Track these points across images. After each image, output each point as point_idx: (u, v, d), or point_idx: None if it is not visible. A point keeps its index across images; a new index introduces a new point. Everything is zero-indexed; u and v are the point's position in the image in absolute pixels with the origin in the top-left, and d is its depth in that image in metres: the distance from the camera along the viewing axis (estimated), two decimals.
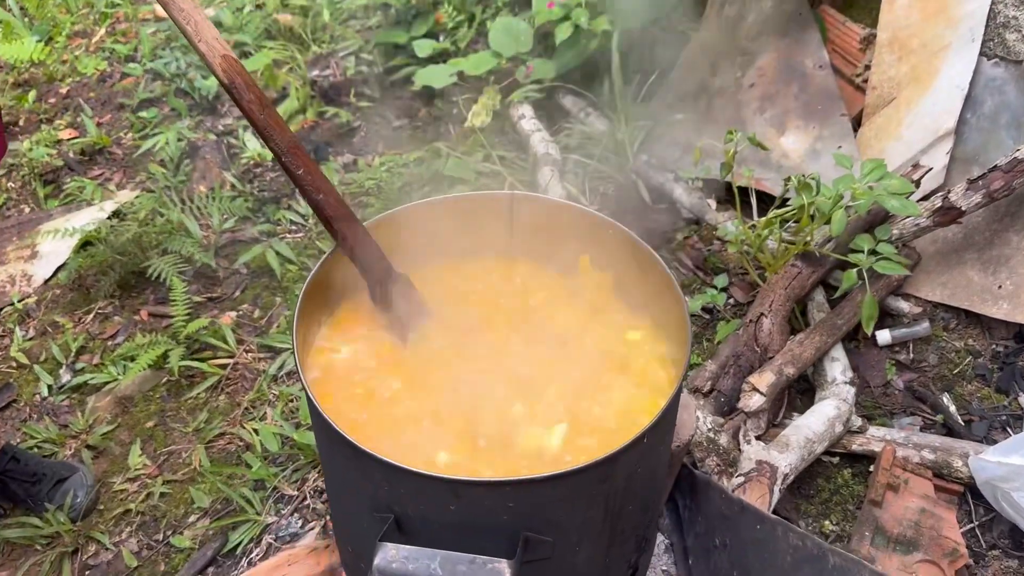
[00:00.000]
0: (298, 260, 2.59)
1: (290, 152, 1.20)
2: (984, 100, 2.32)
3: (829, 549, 1.30)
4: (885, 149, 2.42)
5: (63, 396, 2.35)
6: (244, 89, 1.17)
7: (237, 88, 1.17)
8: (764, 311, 2.02)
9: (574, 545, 1.14)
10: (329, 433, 1.08)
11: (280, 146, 1.20)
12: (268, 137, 1.20)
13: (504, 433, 1.18)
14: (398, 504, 1.08)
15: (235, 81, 1.17)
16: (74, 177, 3.04)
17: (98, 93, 3.46)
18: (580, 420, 1.20)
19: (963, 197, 2.10)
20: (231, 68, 1.16)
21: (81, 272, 2.63)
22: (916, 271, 2.29)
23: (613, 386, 1.25)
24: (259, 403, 2.24)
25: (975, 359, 2.14)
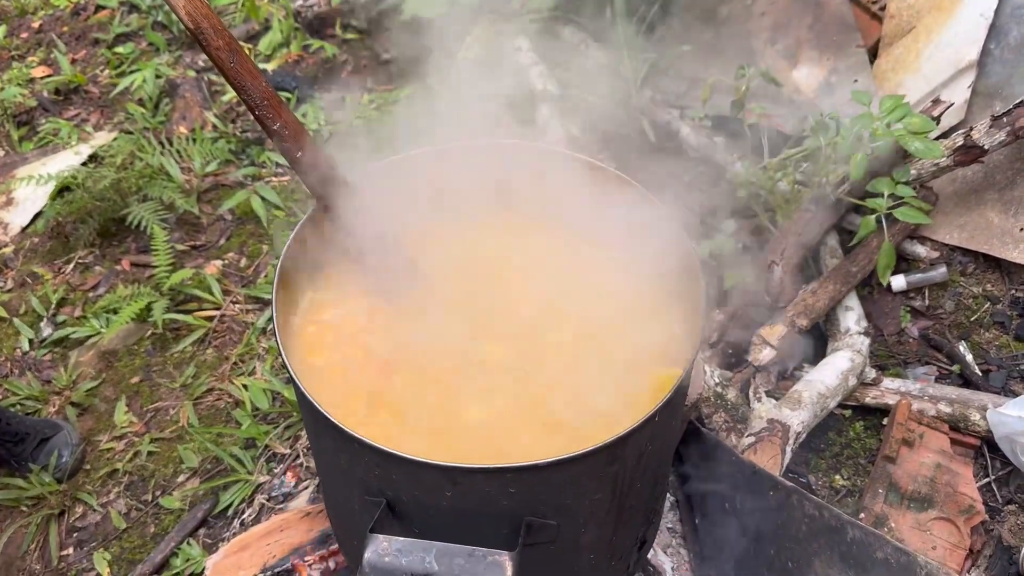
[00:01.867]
0: (285, 205, 2.48)
1: (265, 104, 1.08)
2: (1010, 29, 2.17)
3: (848, 521, 1.23)
4: (903, 82, 2.29)
5: (45, 350, 2.27)
6: (212, 34, 1.04)
7: (204, 33, 1.04)
8: (775, 259, 1.92)
9: (580, 527, 1.07)
10: (316, 417, 0.99)
11: (253, 97, 1.07)
12: (240, 87, 1.07)
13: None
14: (391, 489, 1.00)
15: (201, 25, 1.03)
16: (49, 118, 2.89)
17: (72, 27, 3.28)
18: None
19: (986, 135, 1.98)
20: (197, 11, 1.03)
21: (59, 220, 2.52)
22: (933, 213, 2.18)
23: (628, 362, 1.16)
24: (248, 357, 2.15)
25: (993, 305, 2.05)
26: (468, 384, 1.15)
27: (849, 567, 1.22)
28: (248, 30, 3.05)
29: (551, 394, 1.15)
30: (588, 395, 1.14)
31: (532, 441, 1.08)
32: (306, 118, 2.67)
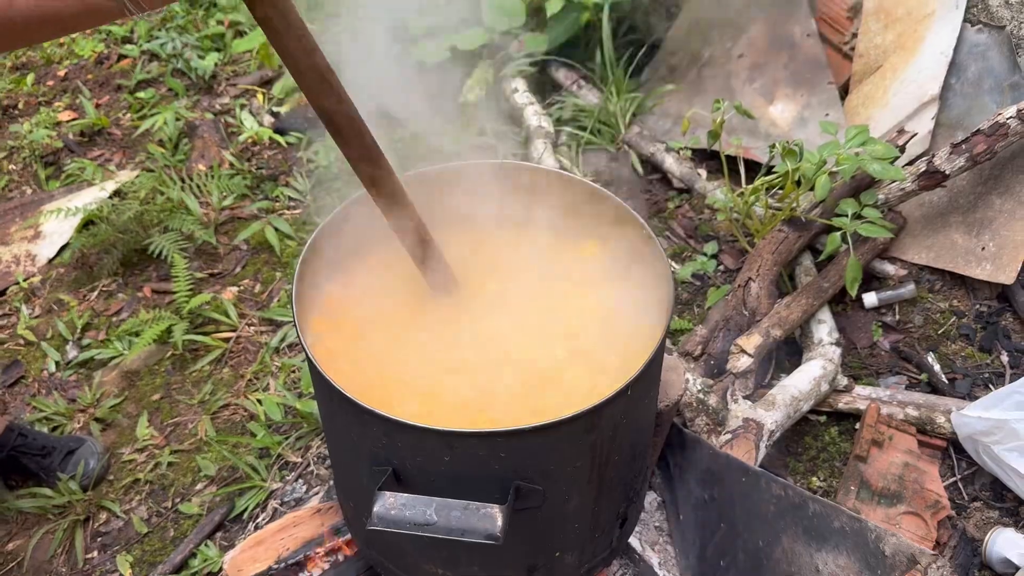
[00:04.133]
0: (297, 236, 2.64)
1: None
2: (968, 66, 2.36)
3: (809, 497, 1.36)
4: (872, 116, 2.46)
5: (70, 371, 2.41)
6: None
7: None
8: (752, 275, 2.07)
9: (564, 494, 1.20)
10: (329, 391, 1.13)
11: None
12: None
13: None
14: (396, 457, 1.14)
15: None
16: (74, 158, 3.08)
17: (96, 75, 3.49)
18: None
19: (947, 161, 2.14)
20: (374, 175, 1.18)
21: (84, 251, 2.68)
22: (902, 235, 2.34)
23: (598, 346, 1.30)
24: (262, 375, 2.29)
25: (959, 319, 2.19)
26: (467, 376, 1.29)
27: (811, 539, 1.35)
28: (262, 76, 3.25)
29: (541, 384, 1.28)
30: (572, 385, 1.28)
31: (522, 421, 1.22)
32: (317, 156, 2.85)
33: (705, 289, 2.33)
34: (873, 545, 1.23)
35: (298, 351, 2.33)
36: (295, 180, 2.81)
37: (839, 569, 1.29)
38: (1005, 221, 2.17)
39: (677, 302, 2.34)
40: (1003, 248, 2.15)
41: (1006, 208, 2.18)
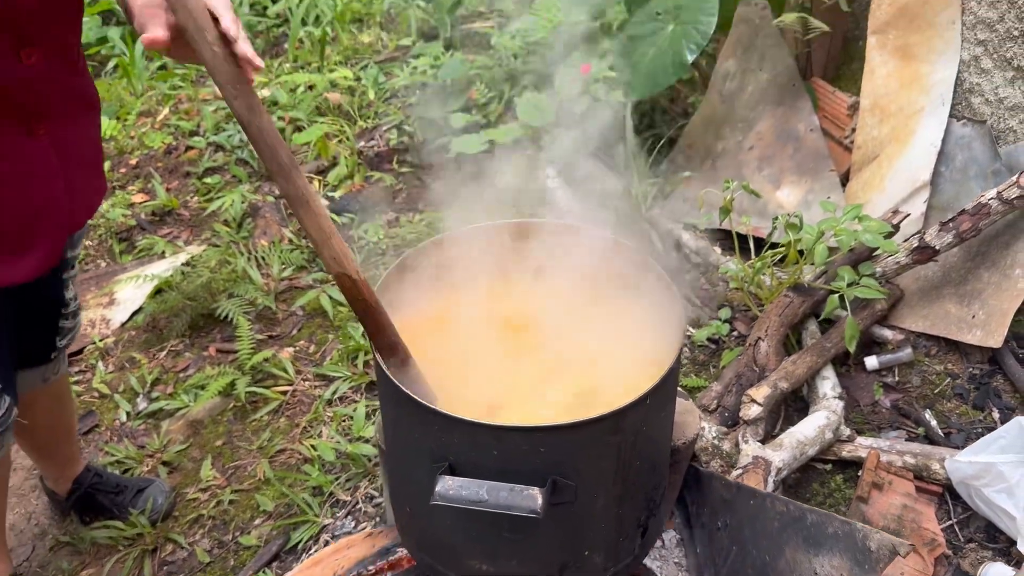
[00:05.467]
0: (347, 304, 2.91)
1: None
2: (955, 155, 2.63)
3: (808, 509, 1.55)
4: (871, 200, 2.72)
5: (140, 421, 2.65)
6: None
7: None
8: (761, 335, 2.30)
9: (592, 492, 1.41)
10: (396, 395, 1.36)
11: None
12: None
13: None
14: (452, 452, 1.36)
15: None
16: (146, 235, 3.41)
17: (165, 163, 3.86)
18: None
19: (937, 237, 2.39)
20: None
21: (155, 315, 2.96)
22: (900, 305, 2.56)
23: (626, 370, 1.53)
24: (315, 423, 2.52)
25: (954, 380, 2.39)
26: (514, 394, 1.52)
27: (810, 546, 1.53)
28: (319, 165, 3.60)
29: (576, 400, 1.51)
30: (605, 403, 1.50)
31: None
32: (367, 233, 3.15)
33: (720, 352, 2.55)
34: (861, 543, 1.42)
35: (349, 402, 2.57)
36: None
37: (833, 569, 1.47)
38: (993, 292, 2.40)
39: (694, 363, 2.56)
40: (991, 316, 2.37)
41: (993, 280, 2.41)
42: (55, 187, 1.54)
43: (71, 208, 1.61)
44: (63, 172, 1.55)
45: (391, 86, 4.01)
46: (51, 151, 1.51)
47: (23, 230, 1.52)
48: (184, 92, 4.41)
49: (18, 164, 1.46)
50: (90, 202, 1.71)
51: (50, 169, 1.52)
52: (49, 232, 1.58)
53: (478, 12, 4.65)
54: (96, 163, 1.71)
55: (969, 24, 2.59)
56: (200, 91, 4.39)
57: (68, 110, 1.55)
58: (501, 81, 3.64)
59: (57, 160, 1.53)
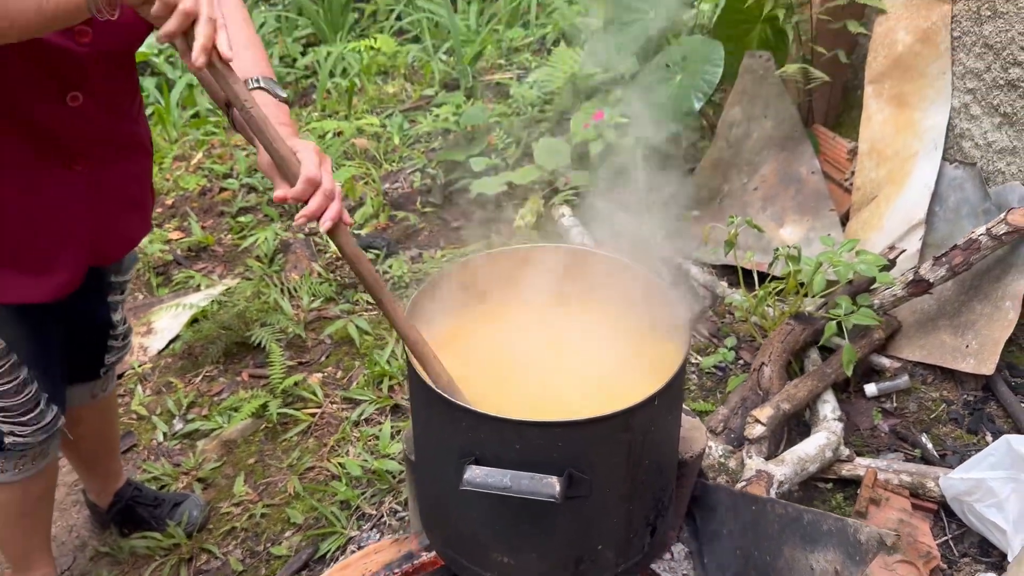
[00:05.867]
0: (373, 332, 3.07)
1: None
2: (948, 196, 2.79)
3: (803, 509, 1.68)
4: (870, 238, 2.88)
5: (176, 441, 2.80)
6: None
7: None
8: (765, 361, 2.44)
9: (605, 487, 1.54)
10: (426, 393, 1.51)
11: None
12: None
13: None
14: (478, 447, 1.50)
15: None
16: (182, 270, 3.59)
17: (200, 203, 4.07)
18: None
19: (931, 271, 2.54)
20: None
21: (191, 343, 3.13)
22: (898, 336, 2.70)
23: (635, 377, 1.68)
24: (343, 443, 2.66)
25: (949, 406, 2.51)
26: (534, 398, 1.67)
27: (806, 544, 1.65)
28: (346, 205, 3.79)
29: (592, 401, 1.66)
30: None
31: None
32: (391, 268, 3.33)
33: (726, 378, 2.69)
34: (852, 537, 1.55)
35: (375, 424, 2.71)
36: None
37: (828, 564, 1.59)
38: (985, 323, 2.53)
39: (702, 389, 2.70)
40: (984, 345, 2.50)
41: (985, 312, 2.55)
42: (84, 220, 1.67)
43: (100, 241, 1.73)
44: (95, 207, 1.68)
45: (415, 132, 4.23)
46: (85, 186, 1.64)
47: (47, 255, 1.65)
48: (217, 138, 4.64)
49: (51, 195, 1.60)
50: (127, 237, 1.84)
51: (81, 203, 1.65)
52: (71, 260, 1.69)
53: (498, 64, 4.90)
54: (139, 202, 1.84)
55: (959, 74, 2.77)
56: (232, 138, 4.62)
57: (110, 151, 1.68)
58: (519, 127, 3.84)
59: (91, 195, 1.66)
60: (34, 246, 1.62)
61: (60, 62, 1.45)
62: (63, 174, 1.58)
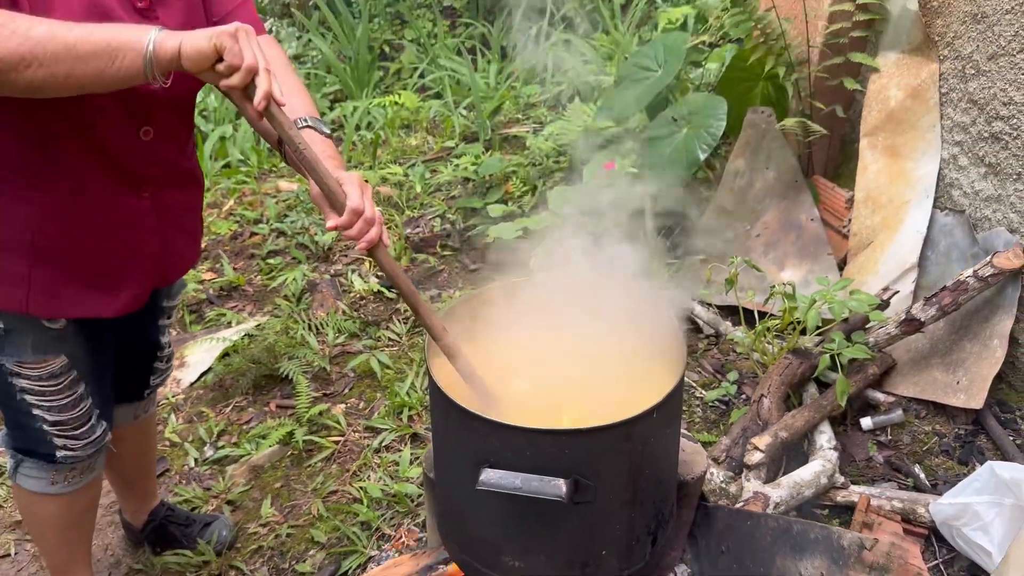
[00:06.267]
0: (394, 366, 3.24)
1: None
2: (939, 241, 2.95)
3: (793, 520, 1.81)
4: (866, 281, 3.03)
5: (206, 467, 2.96)
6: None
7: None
8: (764, 393, 2.58)
9: (608, 494, 1.68)
10: (446, 404, 1.67)
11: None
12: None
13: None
14: (493, 454, 1.65)
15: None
16: (214, 308, 3.79)
17: (232, 247, 4.29)
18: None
19: (922, 311, 2.69)
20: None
21: (222, 376, 3.31)
22: (893, 373, 2.84)
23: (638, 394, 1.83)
24: (364, 468, 2.81)
25: (941, 439, 2.64)
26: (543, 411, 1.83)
27: (796, 552, 1.78)
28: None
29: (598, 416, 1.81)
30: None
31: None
32: None
33: (729, 411, 2.83)
34: (836, 543, 1.68)
35: (395, 451, 2.86)
36: (394, 325, 3.46)
37: (815, 570, 1.72)
38: (974, 361, 2.67)
39: (706, 421, 2.83)
40: (973, 381, 2.64)
41: (975, 351, 2.69)
42: (150, 243, 1.84)
43: (162, 263, 1.91)
44: (159, 231, 1.85)
45: (436, 181, 4.46)
46: (152, 212, 1.82)
47: (117, 274, 1.82)
48: (248, 186, 4.88)
49: (122, 219, 1.77)
50: (183, 262, 2.02)
51: (148, 227, 1.82)
52: (138, 279, 1.86)
53: (515, 118, 5.15)
54: (193, 231, 2.04)
55: (947, 127, 2.95)
56: (263, 186, 4.87)
57: (172, 182, 1.86)
58: (535, 177, 4.05)
59: (155, 221, 1.83)
60: (106, 266, 1.78)
61: (138, 101, 1.65)
62: (132, 201, 1.76)
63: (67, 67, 1.37)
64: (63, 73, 1.37)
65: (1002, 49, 2.67)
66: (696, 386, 2.97)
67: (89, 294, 1.80)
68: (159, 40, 1.39)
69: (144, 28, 1.41)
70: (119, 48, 1.39)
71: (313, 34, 6.53)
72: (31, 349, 1.82)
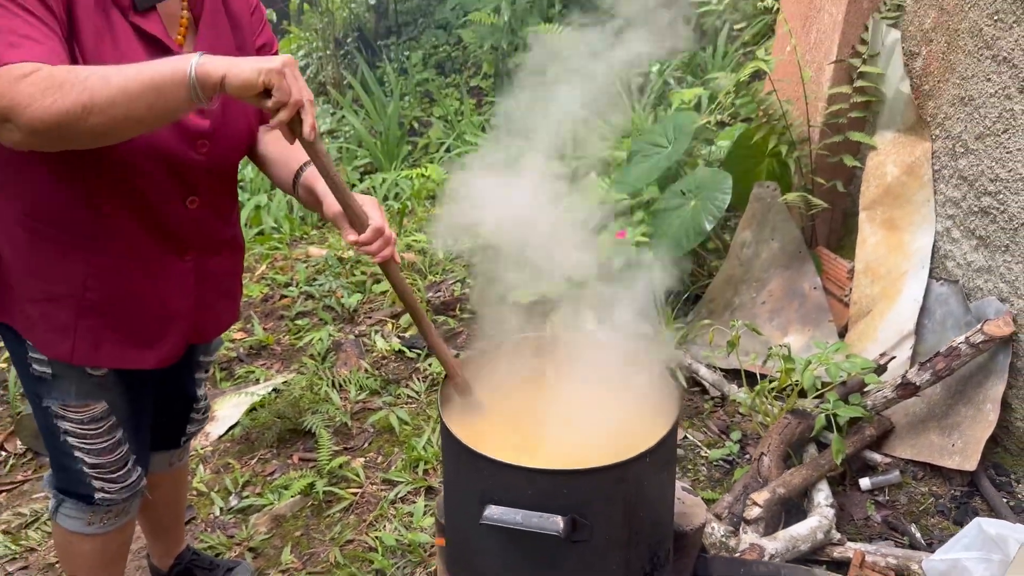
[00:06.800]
0: (412, 422, 3.39)
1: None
2: (935, 310, 3.08)
3: (780, 566, 1.92)
4: (866, 348, 3.16)
5: (231, 516, 3.10)
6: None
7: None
8: (764, 451, 2.69)
9: (604, 532, 1.81)
10: (455, 446, 1.82)
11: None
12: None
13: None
14: (496, 493, 1.79)
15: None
16: (244, 366, 3.97)
17: (263, 308, 4.50)
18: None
19: (917, 375, 2.80)
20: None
21: (248, 429, 3.47)
22: (892, 436, 2.94)
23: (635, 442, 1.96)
24: (380, 519, 2.94)
25: (937, 500, 2.72)
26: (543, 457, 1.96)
27: None
28: (392, 311, 4.19)
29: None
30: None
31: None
32: (431, 366, 3.67)
33: (732, 470, 2.93)
34: None
35: (410, 502, 2.99)
36: (413, 383, 3.62)
37: None
38: (969, 424, 2.77)
39: (710, 480, 2.94)
40: (968, 444, 2.73)
41: (969, 414, 2.79)
42: (189, 302, 1.99)
43: (200, 321, 2.05)
44: (199, 293, 2.00)
45: (456, 248, 4.67)
46: (193, 275, 1.97)
47: (156, 329, 1.96)
48: (280, 252, 5.13)
49: (165, 280, 1.92)
50: (221, 321, 2.17)
51: (187, 288, 1.97)
52: (176, 335, 2.00)
53: None
54: (232, 293, 2.18)
55: (940, 202, 3.11)
56: (294, 252, 5.10)
57: (214, 248, 2.02)
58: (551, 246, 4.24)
59: (196, 283, 1.98)
60: (148, 321, 1.94)
61: (185, 171, 1.83)
62: (176, 264, 1.92)
63: (123, 109, 1.47)
64: (121, 115, 1.47)
65: (988, 129, 2.85)
66: (701, 445, 3.08)
67: (130, 347, 1.93)
68: (200, 64, 1.46)
69: (185, 56, 1.49)
70: (164, 79, 1.46)
71: (347, 111, 6.88)
72: (75, 394, 1.95)
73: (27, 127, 1.44)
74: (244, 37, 1.93)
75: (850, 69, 3.38)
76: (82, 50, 1.60)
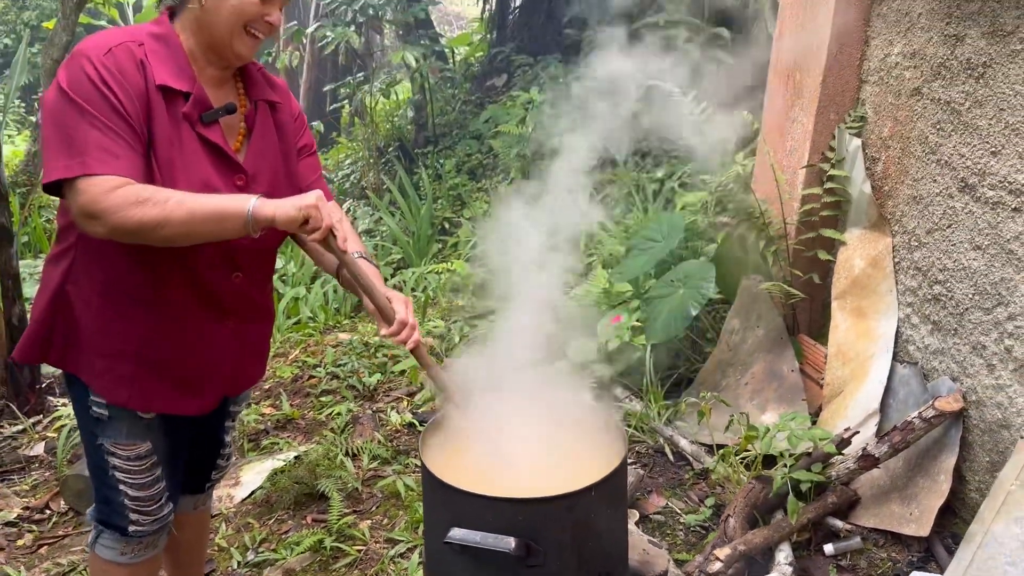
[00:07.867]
0: (418, 489, 3.67)
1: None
2: (898, 390, 3.32)
3: None
4: (836, 425, 3.39)
5: (247, 569, 3.38)
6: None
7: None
8: (730, 513, 2.92)
9: (556, 558, 2.07)
10: (433, 483, 2.12)
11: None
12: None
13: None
14: (463, 519, 2.08)
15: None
16: (269, 437, 4.32)
17: (292, 387, 4.87)
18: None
19: (876, 448, 3.04)
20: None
21: (269, 493, 3.78)
22: (857, 507, 3.14)
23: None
24: (380, 574, 3.20)
25: (895, 564, 2.90)
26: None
27: None
28: (409, 389, 4.54)
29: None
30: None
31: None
32: None
33: (707, 534, 3.15)
34: None
35: (407, 557, 3.25)
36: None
37: None
38: (925, 494, 2.98)
39: (686, 543, 3.16)
40: (924, 512, 2.94)
41: (925, 485, 3.00)
42: (227, 360, 2.35)
43: (235, 376, 2.41)
44: (235, 352, 2.36)
45: (474, 333, 5.02)
46: (231, 337, 2.33)
47: (199, 382, 2.31)
48: (313, 339, 5.54)
49: (209, 341, 2.28)
50: (251, 376, 2.54)
51: (226, 349, 2.33)
52: (215, 387, 2.36)
53: None
54: (261, 353, 2.55)
55: (901, 291, 3.40)
56: (326, 338, 5.51)
57: (251, 315, 2.38)
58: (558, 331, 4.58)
59: (233, 344, 2.34)
60: (192, 375, 2.28)
61: (234, 252, 2.20)
62: (218, 327, 2.27)
63: (189, 228, 1.91)
64: (185, 232, 1.92)
65: (935, 225, 3.16)
66: (680, 512, 3.30)
67: (177, 396, 2.28)
68: (256, 207, 1.89)
69: (245, 197, 1.90)
70: (227, 212, 1.90)
71: (383, 212, 7.43)
72: (125, 434, 2.28)
73: (111, 228, 1.88)
74: (288, 140, 2.36)
75: (820, 173, 3.74)
76: (156, 155, 2.01)
